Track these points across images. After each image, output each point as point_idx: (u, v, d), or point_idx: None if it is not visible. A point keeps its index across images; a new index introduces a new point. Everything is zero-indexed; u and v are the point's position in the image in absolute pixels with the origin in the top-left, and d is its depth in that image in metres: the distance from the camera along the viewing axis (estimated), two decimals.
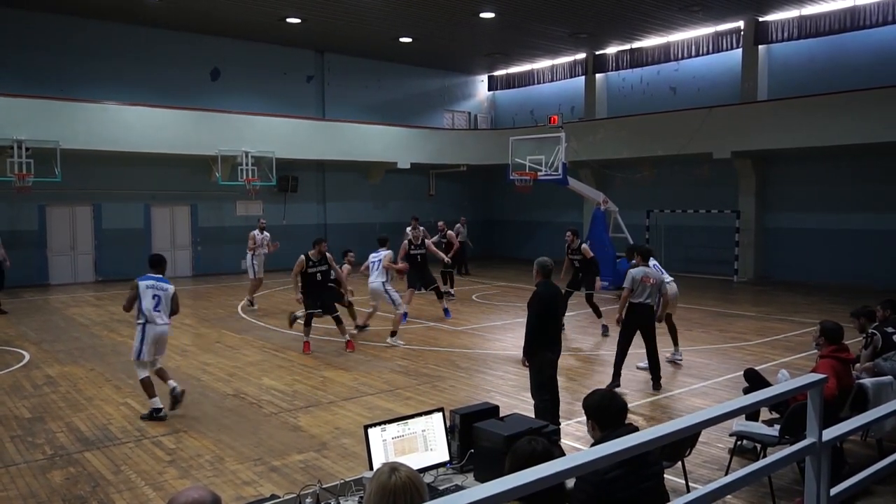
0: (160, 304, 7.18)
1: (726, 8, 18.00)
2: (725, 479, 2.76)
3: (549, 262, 6.57)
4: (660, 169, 20.93)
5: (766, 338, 11.22)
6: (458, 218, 21.46)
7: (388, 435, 3.69)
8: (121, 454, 6.15)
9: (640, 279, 8.18)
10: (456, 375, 8.98)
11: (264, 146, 19.71)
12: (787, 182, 18.74)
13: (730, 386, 8.27)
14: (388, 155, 22.38)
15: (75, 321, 12.93)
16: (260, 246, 14.51)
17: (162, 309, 7.20)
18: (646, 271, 8.26)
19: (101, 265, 19.07)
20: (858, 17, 17.13)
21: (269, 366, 9.53)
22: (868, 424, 4.06)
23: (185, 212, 20.50)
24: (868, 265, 17.14)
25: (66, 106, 17.01)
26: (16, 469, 5.82)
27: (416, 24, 19.29)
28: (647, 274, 8.22)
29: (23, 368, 9.35)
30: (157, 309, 7.17)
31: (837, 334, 5.72)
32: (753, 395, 3.16)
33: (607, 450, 2.20)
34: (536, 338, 6.37)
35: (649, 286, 8.19)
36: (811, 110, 16.48)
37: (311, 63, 22.72)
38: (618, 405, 3.43)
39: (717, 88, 20.02)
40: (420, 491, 2.19)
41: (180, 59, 20.01)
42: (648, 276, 8.21)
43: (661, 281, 8.41)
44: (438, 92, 25.95)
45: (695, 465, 5.74)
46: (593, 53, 22.97)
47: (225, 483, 5.52)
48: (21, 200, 17.26)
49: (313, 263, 10.31)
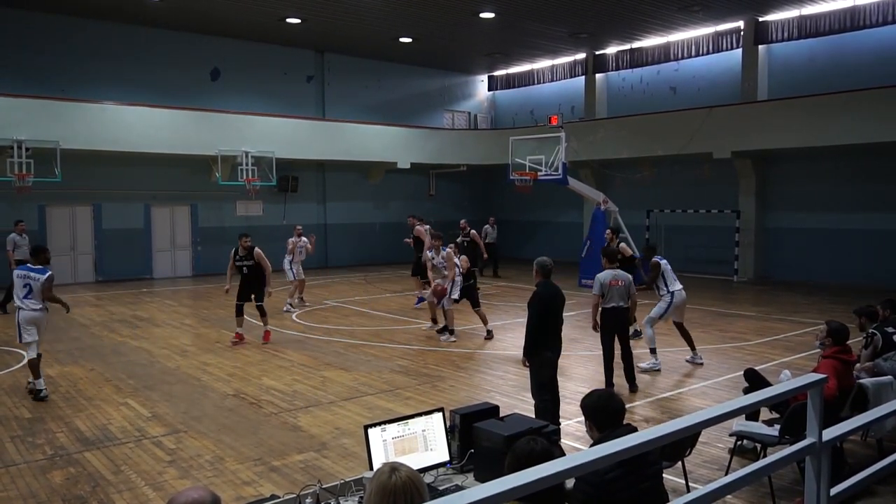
0: (31, 292, 7.93)
1: (726, 8, 18.00)
2: (725, 479, 2.76)
3: (548, 262, 6.58)
4: (660, 169, 20.92)
5: (765, 338, 11.22)
6: (457, 218, 21.42)
7: (388, 435, 3.69)
8: (121, 454, 6.15)
9: (608, 283, 8.06)
10: (456, 375, 8.98)
11: (264, 146, 19.71)
12: (787, 182, 18.74)
13: (730, 386, 8.27)
14: (388, 155, 22.38)
15: (75, 321, 12.92)
16: (299, 252, 14.69)
17: (33, 296, 7.94)
18: (614, 274, 8.12)
19: (102, 265, 19.07)
20: (858, 17, 17.13)
21: (269, 366, 9.53)
22: (868, 424, 4.07)
23: (185, 212, 20.50)
24: (868, 265, 17.14)
25: (66, 106, 17.01)
26: (16, 469, 5.82)
27: (416, 24, 19.29)
28: (615, 277, 8.10)
29: (23, 369, 9.34)
30: (28, 297, 7.94)
31: (843, 335, 5.73)
32: (753, 395, 3.16)
33: (607, 450, 2.20)
34: (537, 338, 6.37)
35: (618, 288, 8.06)
36: (811, 110, 16.48)
37: (311, 63, 22.72)
38: (615, 405, 3.43)
39: (718, 88, 20.02)
40: (420, 491, 2.19)
41: (180, 59, 20.01)
42: (617, 279, 8.09)
43: (629, 282, 8.20)
44: (438, 92, 25.95)
45: (695, 465, 5.74)
46: (593, 53, 22.97)
47: (225, 483, 5.52)
48: (21, 200, 17.25)
49: (240, 258, 10.93)
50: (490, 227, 20.34)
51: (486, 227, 20.15)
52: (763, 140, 17.30)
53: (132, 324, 12.73)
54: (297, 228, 15.45)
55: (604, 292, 8.05)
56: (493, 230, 20.41)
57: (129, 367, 9.45)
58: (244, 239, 11.01)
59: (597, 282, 8.12)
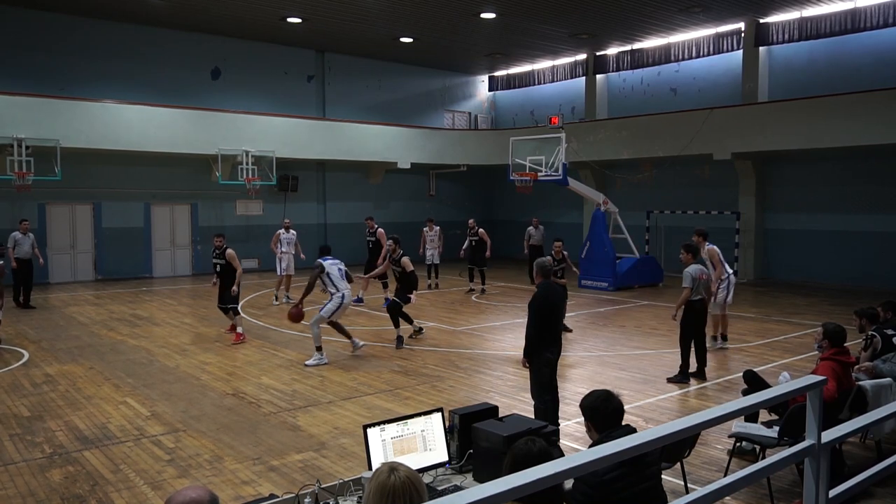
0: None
1: (727, 9, 18.00)
2: (724, 481, 2.76)
3: (549, 263, 6.60)
4: (660, 170, 20.92)
5: (765, 339, 11.21)
6: (457, 219, 21.43)
7: (387, 435, 3.69)
8: (120, 453, 6.15)
9: (698, 277, 8.58)
10: (455, 376, 8.98)
11: (265, 145, 19.70)
12: (787, 183, 18.75)
13: (729, 387, 8.27)
14: (389, 155, 22.38)
15: (75, 320, 12.92)
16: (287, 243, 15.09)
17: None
18: (700, 268, 8.73)
19: (101, 264, 19.07)
20: (859, 19, 17.13)
21: (269, 365, 9.52)
22: (867, 426, 4.06)
23: (185, 211, 20.50)
24: (869, 266, 17.15)
25: (66, 104, 17.01)
26: (14, 468, 5.82)
27: (417, 24, 19.29)
28: (701, 271, 8.71)
29: (22, 367, 9.35)
30: None
31: (840, 337, 5.74)
32: (752, 396, 3.16)
33: (606, 451, 2.19)
34: (537, 339, 6.36)
35: (703, 282, 8.66)
36: (811, 112, 16.48)
37: (311, 63, 22.72)
38: (614, 406, 3.43)
39: (718, 89, 20.02)
40: (419, 491, 2.19)
41: (181, 58, 20.01)
42: (702, 273, 8.70)
43: (710, 276, 9.06)
44: (439, 92, 25.95)
45: (694, 466, 5.74)
46: (594, 54, 22.97)
47: (224, 482, 5.52)
48: (21, 199, 17.25)
49: (214, 255, 11.51)
50: (534, 228, 18.54)
51: (530, 229, 18.51)
52: (763, 141, 17.30)
53: (132, 322, 12.73)
54: (285, 221, 15.87)
55: (694, 286, 8.55)
56: (536, 231, 18.51)
57: (128, 365, 9.45)
58: (217, 239, 11.59)
59: (687, 276, 8.61)
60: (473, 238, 16.49)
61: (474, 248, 16.53)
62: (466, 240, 16.75)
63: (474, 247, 16.51)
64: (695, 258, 8.88)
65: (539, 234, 18.54)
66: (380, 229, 15.15)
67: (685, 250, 8.96)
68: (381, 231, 15.04)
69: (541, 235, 18.51)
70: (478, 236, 16.39)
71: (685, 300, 8.60)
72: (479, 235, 16.37)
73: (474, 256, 16.58)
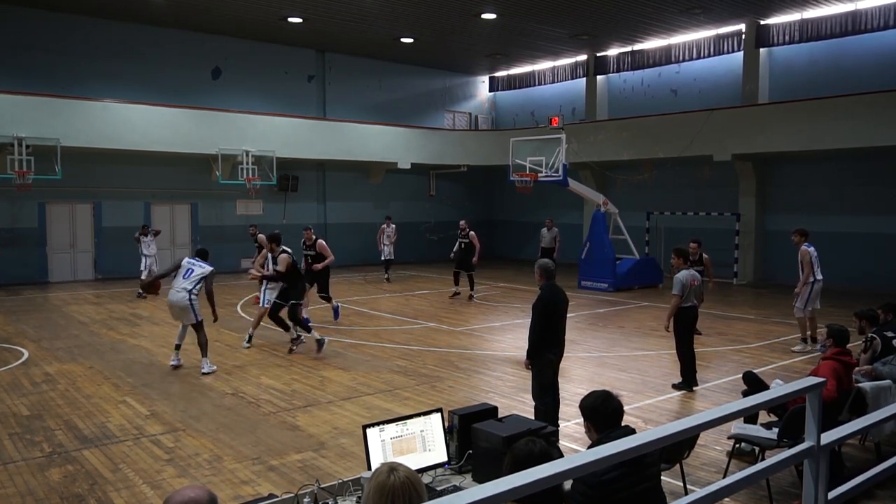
0: None
1: (727, 11, 18.00)
2: (724, 482, 2.76)
3: (550, 265, 6.56)
4: (660, 171, 20.92)
5: (765, 340, 11.22)
6: (457, 219, 21.38)
7: (386, 435, 3.69)
8: (119, 452, 6.15)
9: (688, 283, 8.29)
10: (454, 376, 8.98)
11: (265, 145, 19.71)
12: (787, 185, 18.74)
13: (728, 388, 8.27)
14: (389, 155, 22.38)
15: (74, 319, 12.92)
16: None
17: None
18: (692, 274, 8.42)
19: (101, 263, 19.07)
20: (859, 21, 17.14)
21: (268, 365, 9.53)
22: (867, 428, 4.06)
23: (185, 210, 20.50)
24: (869, 268, 17.14)
25: (66, 104, 17.02)
26: (14, 467, 5.82)
27: (417, 25, 19.30)
28: (693, 276, 8.41)
29: (21, 366, 9.35)
30: None
31: (844, 337, 5.80)
32: (752, 397, 3.16)
33: (605, 451, 2.19)
34: (540, 340, 6.35)
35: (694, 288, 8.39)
36: (812, 113, 16.49)
37: (312, 63, 22.72)
38: (613, 406, 3.43)
39: (719, 91, 20.02)
40: (418, 491, 2.19)
41: (181, 57, 20.01)
42: (694, 279, 8.41)
43: (701, 282, 8.78)
44: (439, 92, 25.95)
45: (693, 467, 5.74)
46: (594, 55, 22.97)
47: (223, 482, 5.52)
48: (21, 198, 17.25)
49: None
50: (546, 229, 18.41)
51: (543, 231, 18.44)
52: (763, 143, 17.31)
53: (131, 322, 12.73)
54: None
55: (684, 293, 8.24)
56: (549, 233, 18.37)
57: (127, 365, 9.45)
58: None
59: (678, 282, 8.27)
60: (463, 240, 15.77)
61: (463, 250, 15.74)
62: (457, 241, 16.08)
63: (463, 249, 15.75)
64: (686, 263, 8.49)
65: (550, 236, 18.54)
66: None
67: (676, 255, 8.57)
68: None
69: (552, 237, 18.51)
70: (468, 239, 15.66)
71: (675, 308, 8.22)
72: (469, 238, 15.64)
73: (462, 259, 15.80)
